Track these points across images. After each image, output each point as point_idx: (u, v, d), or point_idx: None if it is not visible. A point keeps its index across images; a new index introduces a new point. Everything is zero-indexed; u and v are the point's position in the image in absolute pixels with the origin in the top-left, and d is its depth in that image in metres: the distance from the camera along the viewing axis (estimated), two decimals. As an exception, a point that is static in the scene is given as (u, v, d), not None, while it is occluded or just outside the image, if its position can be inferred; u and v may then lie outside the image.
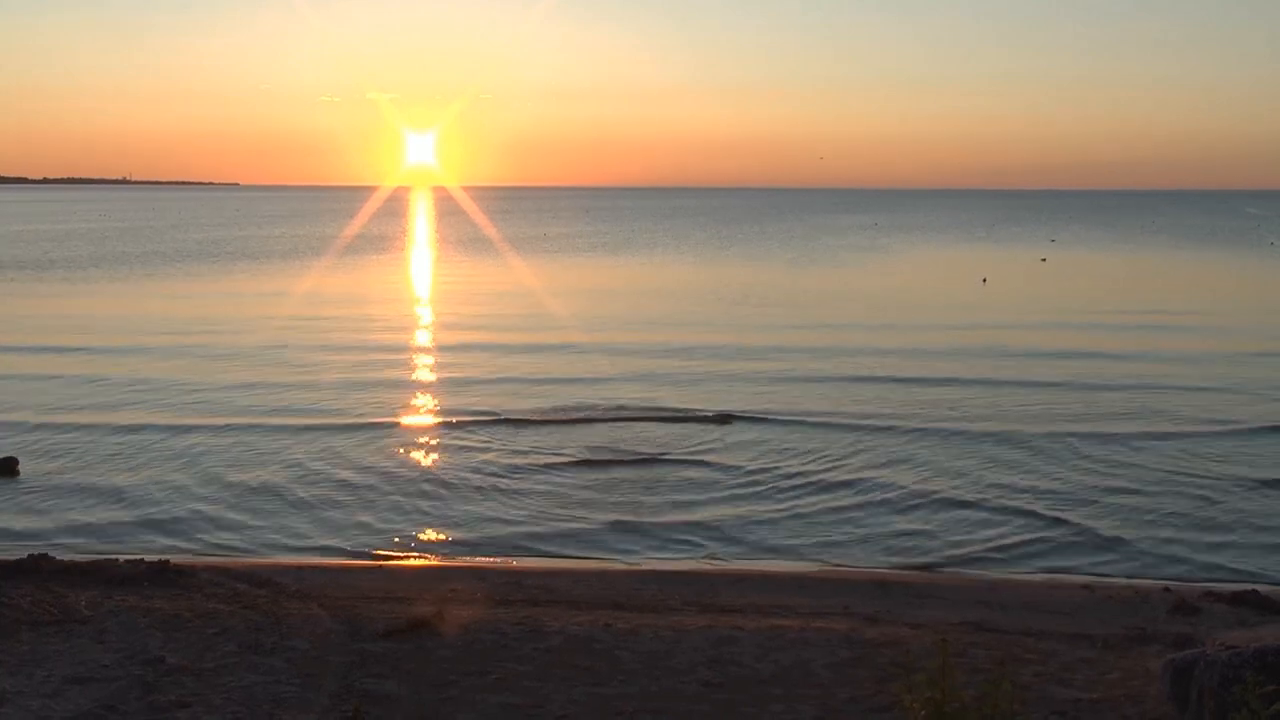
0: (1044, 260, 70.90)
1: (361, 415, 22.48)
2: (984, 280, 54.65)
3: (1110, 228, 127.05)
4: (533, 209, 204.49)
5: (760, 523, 15.80)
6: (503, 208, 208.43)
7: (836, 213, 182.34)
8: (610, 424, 21.54)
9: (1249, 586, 13.11)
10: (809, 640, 10.29)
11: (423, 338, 34.10)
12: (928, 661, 7.01)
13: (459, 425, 21.58)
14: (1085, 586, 13.26)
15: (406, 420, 22.29)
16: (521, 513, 16.19)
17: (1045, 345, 31.79)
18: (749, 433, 20.89)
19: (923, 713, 6.52)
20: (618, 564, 14.32)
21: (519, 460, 18.93)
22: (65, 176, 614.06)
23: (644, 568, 14.05)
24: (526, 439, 20.39)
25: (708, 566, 14.25)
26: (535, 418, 22.01)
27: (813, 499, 16.81)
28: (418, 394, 24.98)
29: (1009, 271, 62.54)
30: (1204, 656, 7.85)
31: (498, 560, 14.48)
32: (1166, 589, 13.05)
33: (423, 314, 41.26)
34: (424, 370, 28.02)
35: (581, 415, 22.26)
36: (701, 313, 40.18)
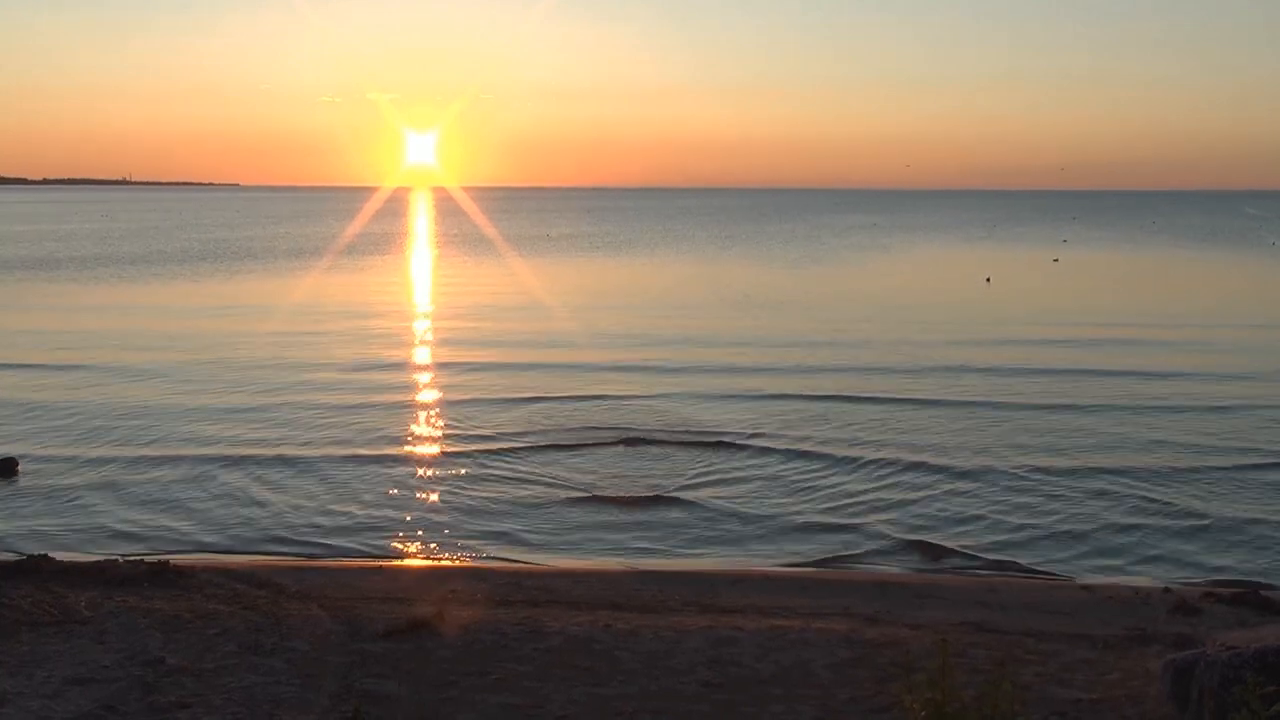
0: (1056, 260, 70.55)
1: (361, 438, 21.06)
2: (988, 280, 54.50)
3: (1112, 227, 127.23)
4: (534, 209, 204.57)
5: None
6: (503, 208, 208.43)
7: (837, 213, 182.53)
8: (620, 450, 19.91)
9: (1249, 587, 13.12)
10: (809, 641, 10.29)
11: (423, 355, 31.56)
12: (928, 662, 7.00)
13: (458, 455, 19.66)
14: (1085, 587, 13.27)
15: (401, 448, 20.26)
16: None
17: (1053, 361, 29.47)
18: (755, 464, 18.98)
19: (923, 713, 6.52)
20: (618, 564, 14.31)
21: (520, 493, 17.35)
22: (65, 177, 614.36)
23: (644, 568, 14.04)
24: (530, 468, 18.74)
25: (708, 567, 14.25)
26: (541, 443, 20.34)
27: (816, 545, 15.28)
28: (416, 418, 22.78)
29: (1013, 272, 62.33)
30: (1204, 657, 7.84)
31: (497, 561, 14.48)
32: (1167, 590, 13.05)
33: (425, 329, 37.96)
34: (425, 391, 26.03)
35: (590, 440, 20.55)
36: (713, 323, 37.83)
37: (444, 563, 14.47)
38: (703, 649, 10.05)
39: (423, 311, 43.37)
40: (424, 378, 27.94)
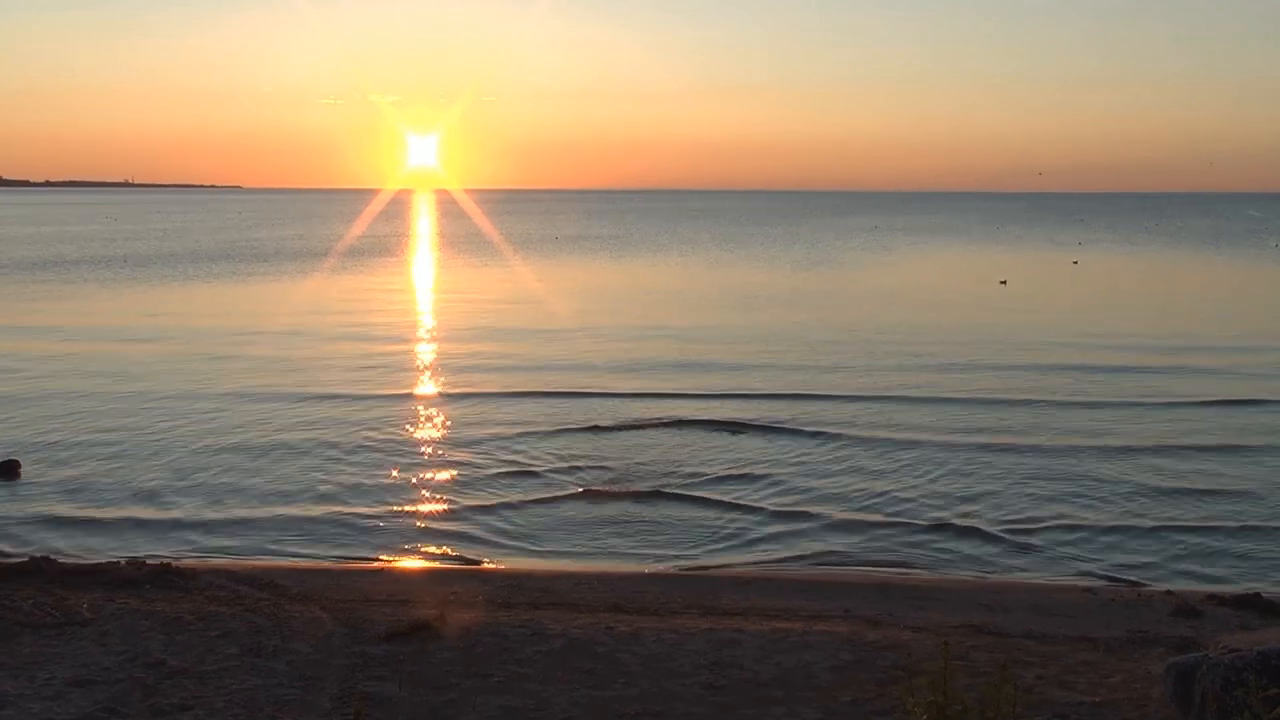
0: (1075, 263, 70.12)
1: (363, 449, 20.26)
2: (1003, 282, 54.15)
3: (1119, 229, 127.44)
4: (538, 211, 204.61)
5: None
6: (507, 210, 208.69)
7: (838, 215, 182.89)
8: (641, 501, 17.23)
9: (1252, 589, 13.11)
10: (810, 643, 10.28)
11: (429, 387, 27.00)
12: (929, 664, 6.99)
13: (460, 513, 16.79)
14: (1087, 589, 13.27)
15: (392, 505, 17.13)
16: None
17: (1091, 390, 26.13)
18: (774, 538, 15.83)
19: (924, 716, 6.51)
20: (619, 567, 14.31)
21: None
22: (67, 179, 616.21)
23: (646, 570, 14.04)
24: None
25: (709, 570, 14.24)
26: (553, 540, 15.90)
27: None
28: (413, 473, 18.63)
29: (1029, 275, 61.92)
30: (1206, 660, 7.83)
31: (499, 563, 14.49)
32: (1169, 592, 13.05)
33: (435, 350, 32.99)
34: (428, 428, 21.96)
35: (615, 488, 17.81)
36: (729, 347, 32.94)
37: (445, 565, 14.48)
38: (704, 651, 10.04)
39: (432, 328, 39.01)
40: (431, 410, 24.04)
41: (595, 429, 21.84)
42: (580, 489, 17.81)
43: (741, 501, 17.24)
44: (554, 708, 8.77)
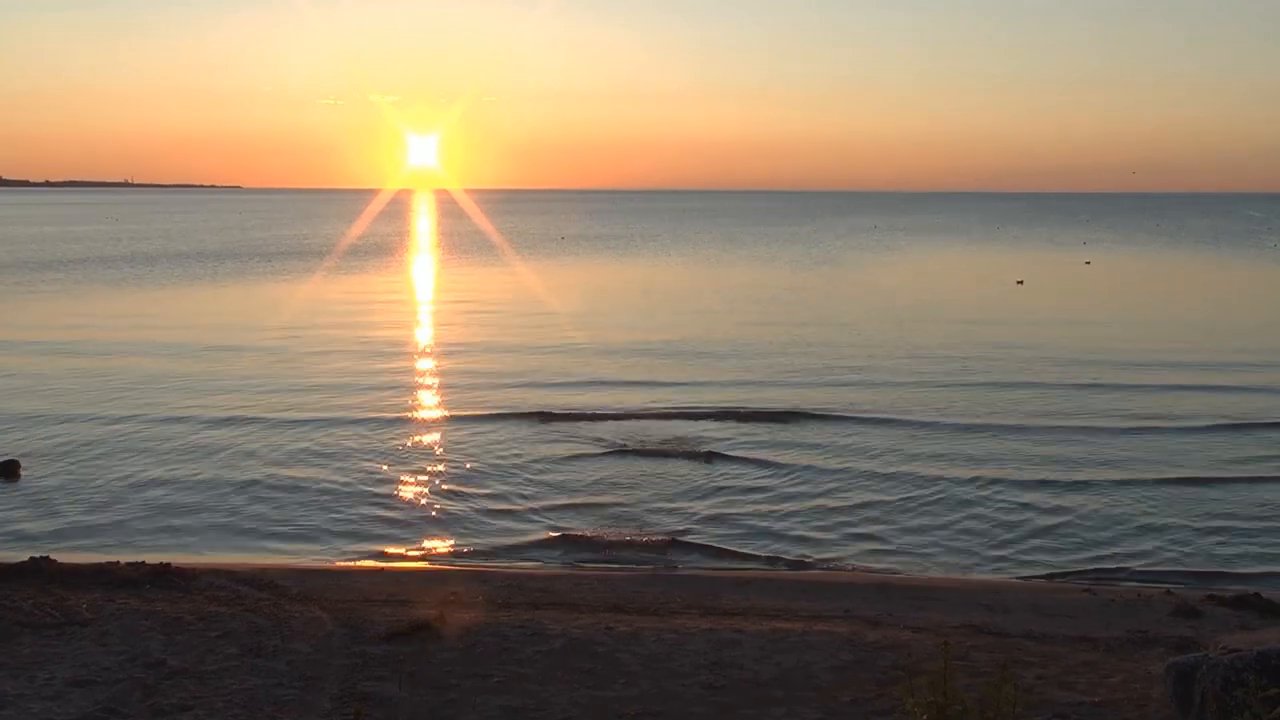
0: (1088, 263, 69.73)
1: (367, 447, 20.68)
2: (1020, 282, 53.85)
3: (1116, 230, 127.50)
4: (539, 211, 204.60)
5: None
6: (508, 209, 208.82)
7: (839, 214, 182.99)
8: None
9: (1251, 590, 13.10)
10: (810, 643, 10.28)
11: (422, 410, 24.51)
12: (929, 664, 6.99)
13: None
14: (1087, 589, 13.26)
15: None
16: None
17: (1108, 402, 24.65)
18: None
19: (924, 716, 6.50)
20: (619, 568, 14.31)
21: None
22: (67, 179, 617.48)
23: (646, 571, 14.04)
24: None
25: (709, 570, 14.24)
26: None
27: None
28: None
29: (1042, 275, 61.60)
30: (1206, 660, 7.83)
31: (499, 563, 14.48)
32: (1168, 592, 13.04)
33: (428, 371, 29.81)
34: (410, 456, 19.73)
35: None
36: (744, 357, 30.87)
37: (445, 565, 14.47)
38: (704, 651, 10.04)
39: (430, 340, 36.04)
40: (418, 435, 21.61)
41: (583, 456, 19.87)
42: (557, 534, 15.81)
43: (733, 548, 15.28)
44: (554, 708, 8.77)
